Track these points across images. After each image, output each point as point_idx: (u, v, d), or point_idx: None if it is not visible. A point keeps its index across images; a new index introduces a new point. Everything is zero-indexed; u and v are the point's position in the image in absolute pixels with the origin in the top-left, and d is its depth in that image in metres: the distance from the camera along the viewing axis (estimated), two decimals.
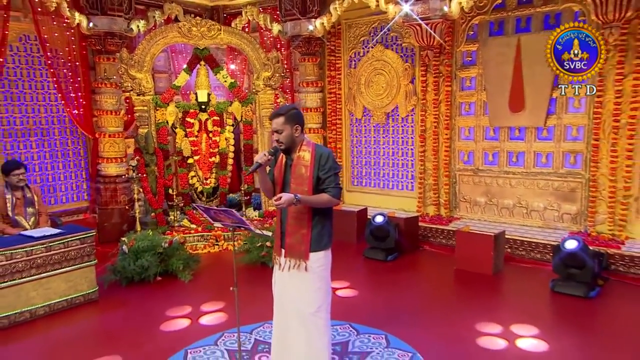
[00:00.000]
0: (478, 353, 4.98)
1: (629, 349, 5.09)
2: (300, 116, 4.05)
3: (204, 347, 5.02)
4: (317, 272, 4.06)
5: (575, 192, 7.44)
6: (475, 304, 6.25)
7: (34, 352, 5.11)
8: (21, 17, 8.00)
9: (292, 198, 3.74)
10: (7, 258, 5.28)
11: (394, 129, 9.17)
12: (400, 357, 4.77)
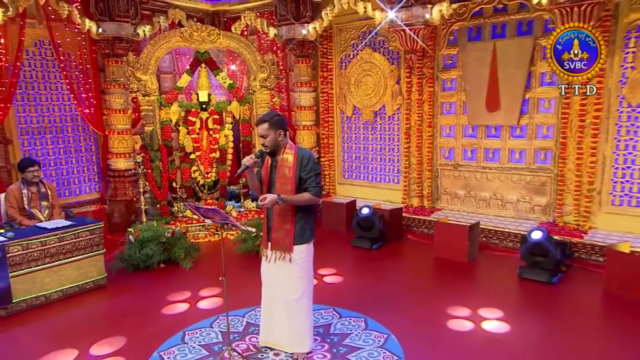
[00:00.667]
0: (447, 334, 5.11)
1: (584, 329, 5.26)
2: (283, 122, 4.21)
3: (200, 329, 5.16)
4: (299, 264, 4.27)
5: (545, 185, 7.54)
6: (448, 289, 6.36)
7: (48, 333, 5.25)
8: (36, 23, 8.01)
9: (276, 199, 3.94)
10: (23, 248, 5.46)
11: (381, 126, 9.23)
12: (376, 338, 4.91)
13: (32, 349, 4.85)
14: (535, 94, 7.42)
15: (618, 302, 5.64)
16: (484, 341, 4.97)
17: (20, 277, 5.49)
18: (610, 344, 4.86)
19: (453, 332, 5.16)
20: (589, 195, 7.04)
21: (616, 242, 6.33)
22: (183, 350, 4.69)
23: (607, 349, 4.76)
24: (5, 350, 4.90)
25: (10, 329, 5.27)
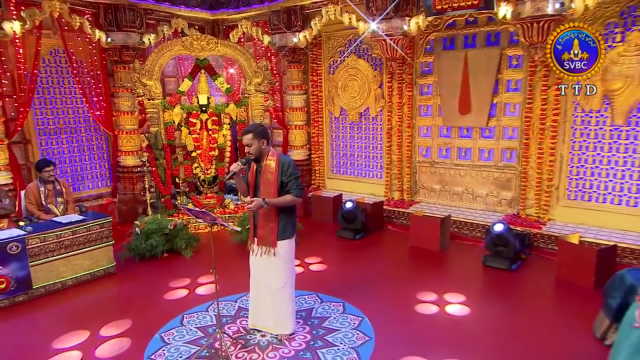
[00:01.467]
0: (414, 317, 5.28)
1: (536, 311, 5.45)
2: (265, 132, 4.41)
3: (197, 312, 5.35)
4: (283, 257, 4.49)
5: (511, 181, 7.70)
6: (420, 276, 6.48)
7: (64, 315, 5.44)
8: (51, 34, 8.18)
9: (261, 202, 4.17)
10: (41, 240, 5.67)
11: (365, 126, 9.32)
12: (351, 321, 5.09)
13: (50, 329, 5.05)
14: (502, 99, 7.55)
15: (567, 287, 5.85)
16: (446, 323, 5.15)
17: (39, 266, 5.69)
18: (559, 324, 5.04)
19: (420, 315, 5.33)
20: (548, 191, 7.22)
21: (570, 233, 6.56)
22: (181, 331, 4.88)
23: (555, 329, 4.94)
24: (26, 330, 5.09)
25: (31, 312, 5.46)
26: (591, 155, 6.91)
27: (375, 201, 8.52)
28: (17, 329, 5.11)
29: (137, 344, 4.70)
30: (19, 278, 5.51)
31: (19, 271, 5.50)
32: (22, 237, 5.53)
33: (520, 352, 4.52)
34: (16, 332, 5.06)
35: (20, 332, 5.06)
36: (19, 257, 5.49)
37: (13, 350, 4.65)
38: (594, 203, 7.01)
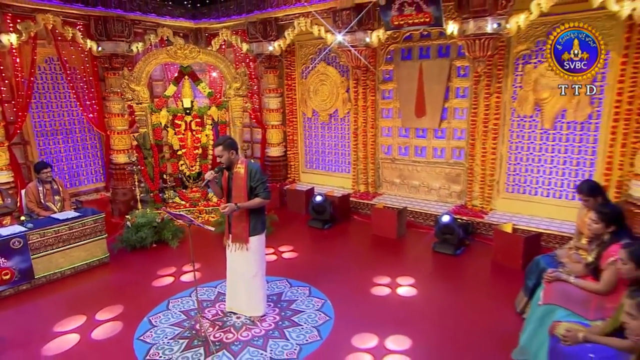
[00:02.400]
0: (369, 298, 5.53)
1: (474, 290, 5.76)
2: (233, 144, 4.63)
3: (181, 297, 5.55)
4: (254, 250, 4.75)
5: (459, 176, 8.01)
6: (377, 262, 6.69)
7: (63, 302, 5.59)
8: (45, 44, 8.21)
9: (234, 207, 4.44)
10: (41, 236, 5.84)
11: (335, 126, 9.53)
12: (315, 303, 5.35)
13: (51, 314, 5.23)
14: (452, 104, 7.82)
15: (500, 269, 6.18)
16: (396, 303, 5.42)
17: (40, 259, 5.86)
18: (490, 301, 5.37)
19: (374, 296, 5.58)
20: (490, 184, 7.55)
21: (506, 221, 6.91)
22: (167, 315, 5.11)
23: (486, 305, 5.27)
24: (31, 315, 5.27)
25: (34, 299, 5.65)
26: (525, 154, 7.26)
27: (343, 194, 8.73)
28: (22, 315, 5.28)
29: (128, 326, 4.91)
30: (22, 269, 5.68)
31: (22, 263, 5.68)
32: (24, 233, 5.69)
33: (456, 326, 4.85)
34: (21, 317, 5.23)
35: (25, 317, 5.23)
36: (22, 251, 5.65)
37: (20, 334, 4.83)
38: (528, 195, 7.37)
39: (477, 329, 4.76)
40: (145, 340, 4.62)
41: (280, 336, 4.63)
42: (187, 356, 4.29)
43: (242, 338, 4.60)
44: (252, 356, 4.26)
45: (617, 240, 3.73)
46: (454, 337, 4.66)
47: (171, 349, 4.42)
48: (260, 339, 4.57)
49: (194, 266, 4.70)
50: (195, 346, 4.46)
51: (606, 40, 6.14)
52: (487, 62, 6.98)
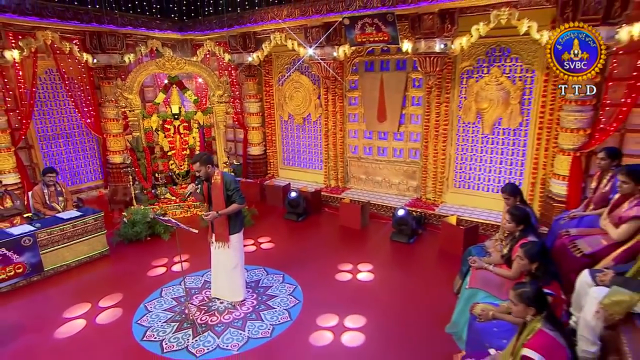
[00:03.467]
0: (333, 284, 5.86)
1: (422, 273, 6.17)
2: (209, 159, 4.95)
3: (173, 286, 5.83)
4: (234, 246, 5.11)
5: (415, 173, 8.40)
6: (342, 250, 7.01)
7: (70, 291, 5.84)
8: (45, 56, 8.39)
9: (216, 214, 4.79)
10: (48, 234, 6.10)
11: (308, 128, 9.80)
12: (287, 289, 5.69)
13: (60, 302, 5.51)
14: (409, 111, 8.18)
15: (446, 256, 6.57)
16: (356, 287, 5.77)
17: (48, 254, 6.13)
18: (434, 283, 5.77)
19: (338, 282, 5.92)
20: (441, 180, 7.97)
21: (453, 213, 7.37)
22: (160, 302, 5.45)
23: (431, 286, 5.69)
24: (42, 303, 5.55)
25: (44, 289, 5.91)
26: (469, 154, 7.71)
27: (316, 189, 9.01)
28: (34, 303, 5.57)
29: (127, 312, 5.25)
30: (32, 263, 5.98)
31: (32, 258, 5.97)
32: (33, 232, 5.96)
33: (404, 305, 5.27)
34: (34, 305, 5.52)
35: (37, 305, 5.52)
36: (32, 247, 5.94)
37: (34, 320, 5.14)
38: (472, 190, 7.85)
39: (421, 307, 5.21)
40: (142, 324, 4.99)
41: (257, 318, 5.04)
42: (177, 337, 4.69)
43: (224, 320, 4.99)
44: (232, 336, 4.69)
45: (525, 237, 4.28)
46: (402, 314, 5.10)
47: (164, 331, 4.81)
48: (240, 321, 4.98)
49: (182, 259, 5.11)
50: (184, 328, 4.85)
51: (531, 61, 6.69)
52: (437, 76, 7.39)
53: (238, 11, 9.21)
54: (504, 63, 7.01)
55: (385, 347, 4.53)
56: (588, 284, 3.68)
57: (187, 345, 4.57)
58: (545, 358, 2.79)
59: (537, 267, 3.70)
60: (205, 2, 9.74)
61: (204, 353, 4.44)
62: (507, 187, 5.17)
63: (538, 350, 2.82)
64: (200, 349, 4.50)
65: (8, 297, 5.72)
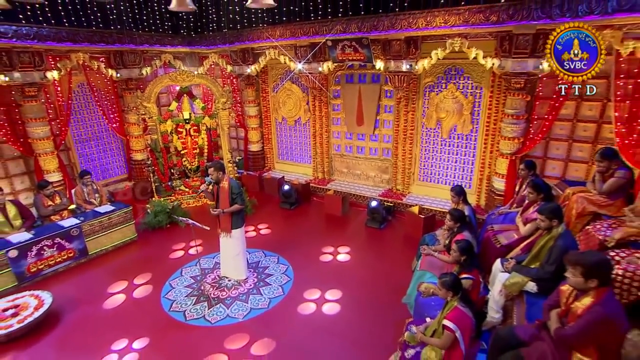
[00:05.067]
0: (318, 264, 6.44)
1: (390, 254, 6.69)
2: (222, 167, 5.54)
3: (190, 266, 6.46)
4: (236, 237, 5.71)
5: (388, 168, 8.99)
6: (326, 234, 7.53)
7: (110, 270, 6.46)
8: (78, 73, 8.87)
9: (221, 211, 5.43)
10: (90, 225, 6.76)
11: (299, 129, 10.30)
12: (281, 268, 6.30)
13: (104, 280, 6.18)
14: (382, 117, 8.74)
15: (409, 240, 7.09)
16: (336, 267, 6.39)
17: (91, 241, 6.81)
18: (398, 262, 6.37)
19: (321, 262, 6.52)
20: (408, 175, 8.58)
21: (417, 202, 8.04)
22: (181, 279, 6.13)
23: (395, 265, 6.29)
24: (90, 281, 6.18)
25: (90, 269, 6.57)
26: (431, 154, 8.34)
27: (306, 181, 9.65)
28: (84, 281, 6.25)
29: (156, 288, 5.94)
30: (80, 249, 6.68)
31: (79, 245, 6.67)
32: (79, 224, 6.65)
33: (373, 281, 5.92)
34: (84, 282, 6.20)
35: (87, 282, 6.19)
36: (78, 236, 6.64)
37: (86, 294, 5.83)
38: (433, 183, 8.49)
39: (386, 282, 5.89)
40: (169, 298, 5.72)
41: (257, 293, 5.77)
42: (196, 308, 5.45)
43: (232, 295, 5.71)
44: (238, 307, 5.46)
45: (461, 232, 5.07)
46: (371, 288, 5.79)
47: (186, 304, 5.55)
48: (244, 295, 5.72)
49: (196, 244, 5.79)
50: (201, 301, 5.60)
51: (480, 80, 7.36)
52: (405, 90, 7.97)
53: (238, 28, 9.63)
54: (458, 81, 7.64)
55: (356, 315, 5.28)
56: (499, 269, 4.50)
57: (204, 314, 5.33)
58: (457, 326, 3.64)
59: (465, 259, 4.50)
60: (210, 20, 10.13)
61: (217, 320, 5.20)
62: (456, 188, 5.89)
63: (453, 321, 3.67)
64: (214, 317, 5.26)
65: (64, 276, 6.42)
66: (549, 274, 3.84)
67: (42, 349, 4.80)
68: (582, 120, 6.67)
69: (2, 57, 7.09)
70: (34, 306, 5.11)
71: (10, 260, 5.84)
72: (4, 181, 7.97)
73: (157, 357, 4.61)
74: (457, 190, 5.88)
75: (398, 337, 4.48)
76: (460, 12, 6.55)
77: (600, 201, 4.71)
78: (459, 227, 5.17)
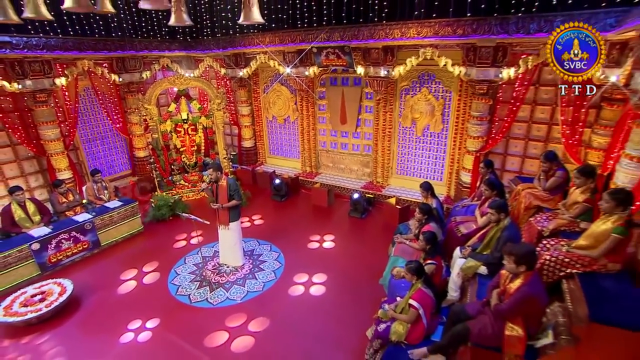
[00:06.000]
0: (306, 251, 6.75)
1: (370, 241, 7.09)
2: (220, 167, 5.89)
3: (192, 255, 6.83)
4: (233, 229, 6.09)
5: (369, 163, 9.39)
6: (313, 224, 7.88)
7: (121, 259, 6.81)
8: (83, 78, 9.10)
9: (220, 206, 5.82)
10: (101, 220, 7.13)
11: (288, 127, 10.60)
12: (273, 255, 6.68)
13: (116, 268, 6.56)
14: (363, 116, 9.15)
15: (387, 228, 7.46)
16: (322, 253, 6.80)
17: (102, 233, 7.19)
18: (376, 248, 6.77)
19: (309, 249, 6.91)
20: (387, 168, 9.04)
21: (395, 194, 8.50)
22: (185, 267, 6.54)
23: (374, 250, 6.70)
24: (104, 269, 6.56)
25: (103, 259, 6.94)
26: (407, 150, 8.80)
27: (295, 174, 10.06)
28: (99, 269, 6.63)
29: (163, 275, 6.36)
30: (93, 241, 7.07)
31: (93, 237, 7.06)
32: (92, 219, 7.03)
33: (354, 265, 6.37)
34: (99, 270, 6.59)
35: (101, 270, 6.58)
36: (91, 230, 7.02)
37: (101, 281, 6.24)
38: (409, 176, 8.96)
39: (365, 265, 6.35)
40: (175, 283, 6.16)
41: (252, 277, 6.23)
42: (200, 292, 5.91)
43: (230, 280, 6.16)
44: (236, 291, 5.93)
45: (428, 223, 5.57)
46: (352, 271, 6.26)
47: (190, 288, 6.01)
48: (242, 280, 6.18)
49: (197, 234, 6.26)
50: (203, 286, 6.06)
51: (449, 85, 7.82)
52: (383, 92, 8.37)
53: (231, 34, 9.86)
54: (430, 85, 8.10)
55: (339, 295, 5.79)
56: (458, 255, 5.05)
57: (206, 297, 5.80)
58: (420, 304, 4.19)
59: (430, 247, 5.02)
60: (205, 26, 10.39)
61: (218, 302, 5.68)
62: (424, 184, 6.35)
63: (417, 300, 4.21)
64: (216, 300, 5.73)
65: (80, 265, 6.82)
66: (497, 259, 4.39)
67: (68, 329, 5.27)
68: (536, 122, 7.23)
69: (15, 66, 7.37)
70: (58, 292, 5.57)
71: (33, 253, 6.26)
72: (20, 179, 8.29)
73: (168, 335, 5.10)
74: (425, 187, 6.35)
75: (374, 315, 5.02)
76: (432, 25, 6.95)
77: (543, 197, 5.29)
78: (426, 219, 5.68)
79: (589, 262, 3.72)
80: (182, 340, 4.99)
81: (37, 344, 5.00)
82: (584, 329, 3.10)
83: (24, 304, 5.33)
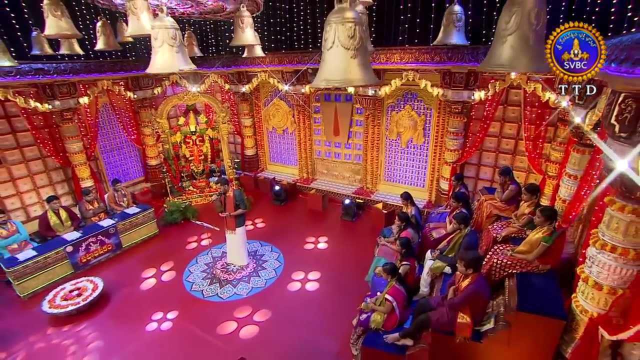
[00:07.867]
0: (303, 252, 7.37)
1: (359, 241, 7.67)
2: (226, 181, 6.50)
3: (203, 255, 7.48)
4: (239, 233, 6.75)
5: (359, 170, 10.10)
6: (309, 226, 8.48)
7: (141, 259, 7.43)
8: (102, 95, 9.77)
9: (228, 214, 6.51)
10: (123, 225, 7.80)
11: (286, 137, 11.28)
12: (274, 256, 7.31)
13: (137, 267, 7.21)
14: (354, 129, 9.86)
15: (374, 230, 8.00)
16: (316, 253, 7.43)
17: (124, 236, 7.86)
18: (364, 247, 7.33)
19: (305, 250, 7.53)
20: (376, 176, 9.76)
21: (382, 199, 9.20)
22: (197, 266, 7.21)
23: (362, 250, 7.27)
24: (127, 269, 7.18)
25: (126, 259, 7.57)
26: (394, 160, 9.53)
27: (293, 180, 10.74)
28: (122, 268, 7.30)
29: (179, 273, 7.04)
30: (116, 243, 7.78)
31: (116, 240, 7.77)
32: (115, 224, 7.73)
33: (344, 263, 7.03)
34: (122, 270, 7.25)
35: (124, 270, 7.24)
36: (114, 233, 7.73)
37: (125, 279, 6.92)
38: (395, 182, 9.69)
39: (354, 264, 7.00)
40: (189, 280, 6.87)
41: (256, 275, 6.94)
42: (211, 288, 6.65)
43: (237, 277, 6.87)
44: (243, 286, 6.67)
45: (405, 229, 6.38)
46: (343, 270, 6.92)
47: (202, 285, 6.74)
48: (247, 277, 6.90)
49: (207, 237, 6.97)
50: (214, 283, 6.80)
51: (430, 103, 8.58)
52: (371, 109, 9.09)
53: (234, 52, 10.57)
54: (413, 103, 8.84)
55: (331, 290, 6.53)
56: (429, 257, 5.87)
57: (217, 293, 6.53)
58: (394, 299, 5.01)
59: (404, 251, 5.84)
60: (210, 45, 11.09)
61: (227, 297, 6.42)
62: (404, 194, 7.15)
63: (391, 295, 5.02)
64: (225, 294, 6.47)
65: (105, 265, 7.52)
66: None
67: (102, 320, 6.06)
68: (505, 137, 8.03)
69: (46, 89, 8.13)
70: (91, 288, 6.37)
71: (67, 254, 7.05)
72: (49, 188, 9.04)
73: (186, 324, 5.90)
74: (405, 196, 7.14)
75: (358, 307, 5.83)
76: (412, 52, 7.70)
77: (500, 207, 6.10)
78: (404, 225, 6.49)
79: (526, 264, 4.54)
80: (198, 329, 5.78)
81: (76, 331, 5.81)
82: (513, 316, 3.92)
83: (64, 298, 6.14)
